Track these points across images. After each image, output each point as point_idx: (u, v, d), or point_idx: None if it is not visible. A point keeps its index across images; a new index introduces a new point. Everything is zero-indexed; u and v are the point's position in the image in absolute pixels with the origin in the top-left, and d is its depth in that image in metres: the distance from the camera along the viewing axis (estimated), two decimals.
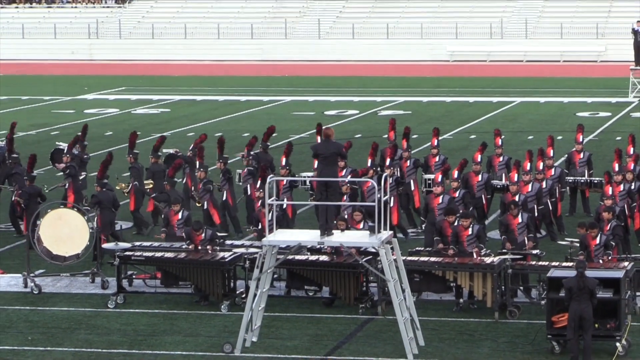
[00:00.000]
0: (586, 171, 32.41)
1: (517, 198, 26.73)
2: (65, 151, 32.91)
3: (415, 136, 44.03)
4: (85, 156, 33.51)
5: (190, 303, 24.38)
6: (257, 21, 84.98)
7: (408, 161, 30.45)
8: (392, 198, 28.12)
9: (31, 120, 50.22)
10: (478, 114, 52.92)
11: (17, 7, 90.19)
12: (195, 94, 62.13)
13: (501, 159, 31.82)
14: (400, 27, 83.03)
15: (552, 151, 31.01)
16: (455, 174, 28.41)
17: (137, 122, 50.57)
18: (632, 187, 28.53)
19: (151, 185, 31.33)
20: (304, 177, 31.00)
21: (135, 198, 31.14)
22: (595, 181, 31.25)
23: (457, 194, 27.43)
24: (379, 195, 21.23)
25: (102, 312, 23.94)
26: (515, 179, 28.03)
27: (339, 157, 23.37)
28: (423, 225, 28.72)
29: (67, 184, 30.30)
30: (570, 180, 31.59)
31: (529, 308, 23.53)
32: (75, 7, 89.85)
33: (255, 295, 21.24)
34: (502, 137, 33.02)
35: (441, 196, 26.50)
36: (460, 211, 25.49)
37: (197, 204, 30.06)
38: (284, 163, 30.51)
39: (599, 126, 48.64)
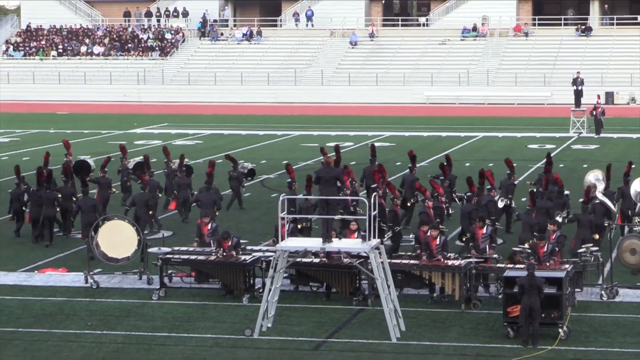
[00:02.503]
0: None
1: None
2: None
3: (398, 163, 44.19)
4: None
5: (218, 296, 24.40)
6: (273, 71, 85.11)
7: None
8: None
9: (91, 150, 50.20)
10: (449, 145, 52.92)
11: (80, 59, 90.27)
12: (223, 129, 62.23)
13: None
14: (387, 76, 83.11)
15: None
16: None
17: (176, 152, 50.58)
18: None
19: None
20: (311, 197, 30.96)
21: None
22: None
23: None
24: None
25: (147, 303, 23.98)
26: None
27: (337, 180, 23.44)
28: None
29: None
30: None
31: (489, 301, 23.56)
32: (127, 59, 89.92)
33: (270, 290, 21.33)
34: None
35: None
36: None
37: None
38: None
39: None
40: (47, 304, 24.02)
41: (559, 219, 28.54)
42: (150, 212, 30.28)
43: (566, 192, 31.24)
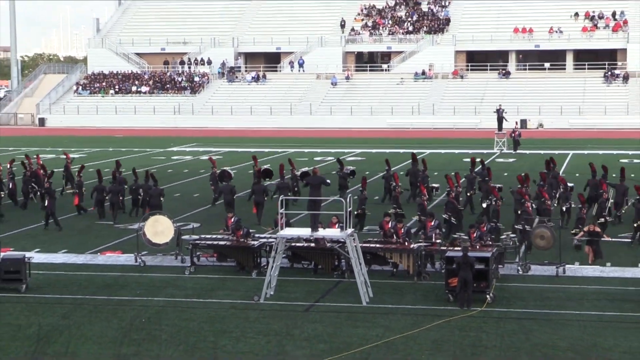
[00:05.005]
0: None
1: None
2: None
3: (367, 172, 44.14)
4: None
5: (234, 271, 24.42)
6: (274, 104, 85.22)
7: None
8: None
9: (139, 163, 50.15)
10: (405, 159, 52.85)
11: (131, 96, 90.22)
12: (237, 147, 62.21)
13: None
14: (359, 108, 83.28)
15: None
16: None
17: (203, 165, 50.56)
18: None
19: None
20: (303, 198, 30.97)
21: None
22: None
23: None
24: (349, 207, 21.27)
25: (181, 277, 23.98)
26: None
27: (322, 185, 23.47)
28: None
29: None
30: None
31: (435, 274, 23.59)
32: (166, 96, 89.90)
33: (272, 266, 21.35)
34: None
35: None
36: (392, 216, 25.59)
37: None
38: None
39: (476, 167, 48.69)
40: (107, 277, 24.02)
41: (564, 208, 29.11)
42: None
43: (570, 184, 32.46)
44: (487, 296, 20.99)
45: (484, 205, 30.00)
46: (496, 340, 18.27)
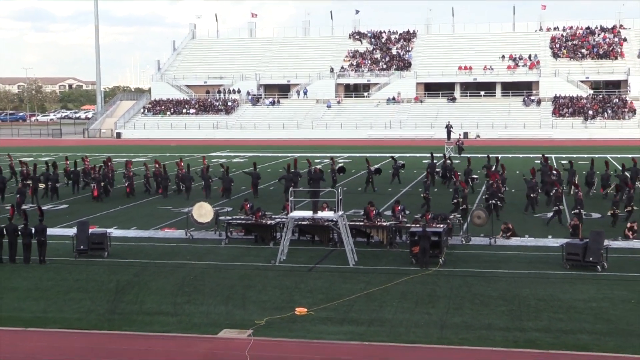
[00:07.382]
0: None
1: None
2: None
3: (353, 170, 43.93)
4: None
5: (256, 243, 24.29)
6: (285, 121, 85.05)
7: None
8: None
9: (191, 164, 50.10)
10: (381, 161, 52.86)
11: (182, 116, 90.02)
12: (259, 153, 62.07)
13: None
14: (347, 124, 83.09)
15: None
16: None
17: (234, 165, 50.43)
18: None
19: None
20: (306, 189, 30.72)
21: None
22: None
23: None
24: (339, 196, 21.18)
25: (218, 247, 23.89)
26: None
27: (320, 179, 23.41)
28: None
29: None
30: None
31: (402, 244, 23.53)
32: (207, 116, 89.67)
33: (284, 238, 21.28)
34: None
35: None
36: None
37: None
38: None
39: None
40: (165, 247, 23.96)
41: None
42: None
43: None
44: (440, 260, 20.95)
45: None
46: (446, 291, 18.23)
